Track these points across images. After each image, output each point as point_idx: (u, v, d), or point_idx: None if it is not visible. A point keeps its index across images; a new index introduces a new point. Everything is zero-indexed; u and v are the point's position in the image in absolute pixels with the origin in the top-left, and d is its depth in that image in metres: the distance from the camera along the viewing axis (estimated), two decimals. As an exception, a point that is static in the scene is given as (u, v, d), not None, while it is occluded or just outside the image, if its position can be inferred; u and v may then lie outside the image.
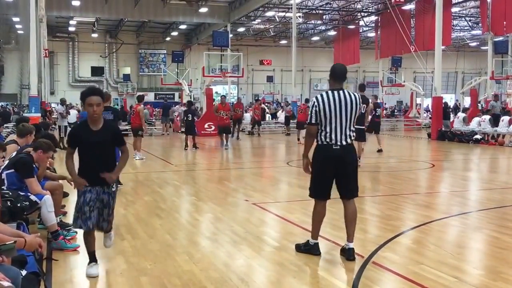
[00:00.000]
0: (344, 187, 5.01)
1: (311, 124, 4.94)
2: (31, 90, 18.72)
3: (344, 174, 4.96)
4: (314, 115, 4.91)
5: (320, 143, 4.95)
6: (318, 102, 4.91)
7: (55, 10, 30.70)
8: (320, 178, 5.00)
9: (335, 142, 4.88)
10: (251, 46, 46.06)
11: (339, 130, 4.88)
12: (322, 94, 4.96)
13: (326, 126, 4.88)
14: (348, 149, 4.95)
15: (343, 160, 4.92)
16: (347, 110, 4.88)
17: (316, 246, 5.09)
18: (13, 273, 3.05)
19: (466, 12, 36.66)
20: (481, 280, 4.43)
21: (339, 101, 4.87)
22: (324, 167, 4.95)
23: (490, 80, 28.11)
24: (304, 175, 11.07)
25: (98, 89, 4.71)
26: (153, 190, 9.14)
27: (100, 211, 4.51)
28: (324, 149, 4.93)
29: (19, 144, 6.43)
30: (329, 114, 4.85)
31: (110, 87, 44.30)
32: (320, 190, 5.02)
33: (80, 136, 4.51)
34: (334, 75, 5.08)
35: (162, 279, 4.41)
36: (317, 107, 4.89)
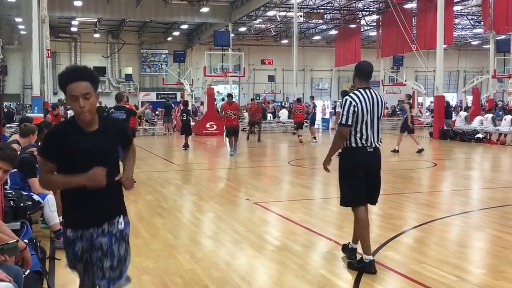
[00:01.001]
0: (373, 192, 4.75)
1: (346, 125, 4.54)
2: (33, 90, 18.74)
3: (374, 178, 4.70)
4: (351, 115, 4.52)
5: (354, 146, 4.59)
6: (356, 102, 4.54)
7: (57, 11, 30.73)
8: (355, 184, 4.62)
9: (370, 144, 4.59)
10: (252, 45, 46.05)
11: (373, 131, 4.61)
12: (355, 93, 4.61)
13: (362, 127, 4.55)
14: (379, 152, 4.72)
15: (375, 164, 4.69)
16: (378, 110, 4.65)
17: (372, 263, 4.56)
18: (15, 273, 3.06)
19: (468, 11, 36.59)
20: (482, 279, 4.43)
21: (371, 101, 4.60)
22: (357, 172, 4.61)
23: (492, 79, 28.06)
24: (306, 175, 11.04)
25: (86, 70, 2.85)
26: (155, 189, 9.16)
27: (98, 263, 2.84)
28: (358, 153, 4.59)
29: (21, 144, 6.44)
30: (366, 114, 4.55)
31: (112, 87, 44.36)
32: (357, 196, 4.66)
33: (64, 141, 2.74)
34: (361, 73, 4.78)
35: (164, 278, 4.42)
36: (355, 107, 4.52)
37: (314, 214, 7.10)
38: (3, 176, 3.50)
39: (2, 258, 3.06)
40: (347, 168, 4.66)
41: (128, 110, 10.09)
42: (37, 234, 5.57)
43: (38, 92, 18.42)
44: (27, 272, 3.39)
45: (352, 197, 4.68)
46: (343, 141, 4.64)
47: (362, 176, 4.61)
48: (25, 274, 3.31)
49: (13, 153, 3.55)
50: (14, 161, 3.54)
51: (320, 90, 51.52)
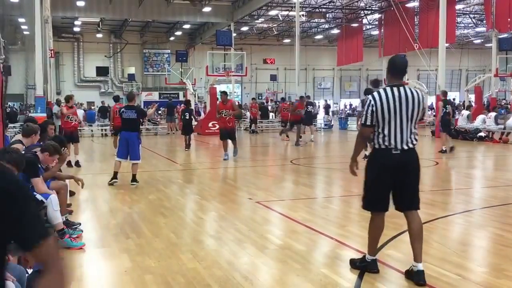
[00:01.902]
0: (403, 198, 4.40)
1: (366, 126, 4.33)
2: (36, 90, 18.79)
3: (404, 183, 4.35)
4: (370, 115, 4.28)
5: (378, 148, 4.35)
6: (375, 100, 4.28)
7: (60, 11, 30.79)
8: (377, 188, 4.38)
9: (394, 146, 4.28)
10: (254, 45, 46.04)
11: (399, 132, 4.27)
12: (379, 91, 4.36)
13: (384, 127, 4.27)
14: (409, 155, 4.34)
15: (404, 167, 4.33)
16: (408, 109, 4.28)
17: (374, 263, 4.52)
18: (18, 272, 3.08)
19: (470, 9, 36.53)
20: (484, 277, 4.44)
21: (399, 99, 4.26)
22: (381, 175, 4.34)
23: (494, 77, 27.99)
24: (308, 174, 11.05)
25: None
26: (158, 189, 9.18)
27: None
28: (382, 155, 4.34)
29: (24, 144, 6.47)
30: (388, 114, 4.25)
31: (115, 86, 44.44)
32: (377, 201, 4.42)
33: None
34: (393, 69, 4.43)
35: (167, 277, 4.44)
36: (373, 106, 4.27)
37: (316, 213, 7.12)
38: None
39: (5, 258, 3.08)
40: (370, 170, 4.43)
41: (139, 110, 10.13)
42: (40, 234, 5.59)
43: (41, 92, 18.47)
44: (30, 271, 3.41)
45: (371, 202, 4.48)
46: (364, 142, 4.44)
47: (388, 181, 4.33)
48: (28, 273, 3.33)
49: (19, 158, 3.55)
50: (20, 166, 3.53)
51: (322, 89, 51.50)
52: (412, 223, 4.41)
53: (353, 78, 52.29)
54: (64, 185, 6.27)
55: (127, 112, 9.66)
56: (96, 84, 44.48)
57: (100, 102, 32.48)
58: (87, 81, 44.20)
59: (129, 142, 9.56)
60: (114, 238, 5.77)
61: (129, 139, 9.57)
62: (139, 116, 9.83)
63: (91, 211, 7.37)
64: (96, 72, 44.68)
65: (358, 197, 8.50)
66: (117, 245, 5.48)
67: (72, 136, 12.60)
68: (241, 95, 47.22)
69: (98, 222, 6.68)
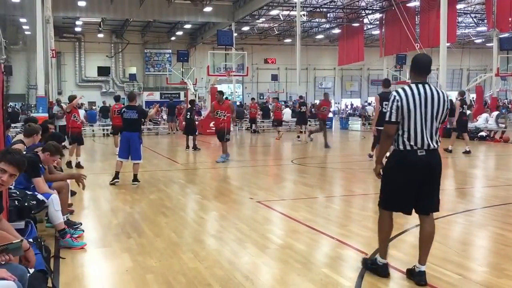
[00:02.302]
0: (426, 200, 4.23)
1: (391, 122, 4.16)
2: (38, 90, 18.83)
3: (428, 185, 4.20)
4: (395, 112, 4.14)
5: (402, 149, 4.17)
6: (400, 96, 4.13)
7: (61, 11, 30.84)
8: (398, 189, 4.22)
9: (420, 146, 4.12)
10: (255, 45, 46.09)
11: (424, 132, 4.11)
12: (404, 87, 4.21)
13: (410, 126, 4.12)
14: (434, 155, 4.19)
15: (429, 168, 4.17)
16: (433, 108, 4.12)
17: (385, 267, 4.38)
18: (20, 272, 3.08)
19: (471, 9, 36.53)
20: (485, 277, 4.44)
21: (424, 97, 4.11)
22: (404, 177, 4.16)
23: (495, 77, 27.99)
24: (309, 173, 11.04)
25: None
26: (159, 188, 9.20)
27: None
28: (405, 155, 4.16)
29: (26, 143, 6.49)
30: (414, 111, 4.10)
31: (116, 86, 44.52)
32: (395, 203, 4.28)
33: None
34: (417, 66, 4.28)
35: (168, 277, 4.45)
36: (398, 102, 4.12)
37: (317, 213, 7.12)
38: (9, 180, 3.48)
39: (7, 257, 3.08)
40: (392, 171, 4.27)
41: (140, 110, 10.12)
42: (42, 233, 5.61)
43: (43, 92, 18.51)
44: (31, 270, 3.42)
45: (388, 202, 4.34)
46: (390, 140, 4.21)
47: (412, 183, 4.16)
48: (29, 273, 3.34)
49: (22, 159, 3.52)
50: (21, 167, 3.52)
51: (323, 89, 51.50)
52: (426, 225, 4.29)
53: (354, 77, 52.33)
54: (66, 185, 6.29)
55: (128, 112, 9.66)
56: (98, 84, 44.58)
57: (101, 102, 32.50)
58: (89, 81, 44.30)
59: (130, 142, 9.57)
60: (115, 238, 5.78)
61: (130, 139, 9.59)
62: (140, 116, 9.84)
63: (93, 211, 7.38)
64: (97, 72, 44.76)
65: (359, 197, 8.56)
66: (118, 244, 5.50)
67: (78, 138, 12.66)
68: (242, 95, 47.26)
69: (99, 221, 6.69)
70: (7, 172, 3.43)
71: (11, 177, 3.48)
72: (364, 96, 51.35)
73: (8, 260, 3.09)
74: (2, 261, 3.05)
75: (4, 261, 3.06)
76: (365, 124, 30.90)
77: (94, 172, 11.78)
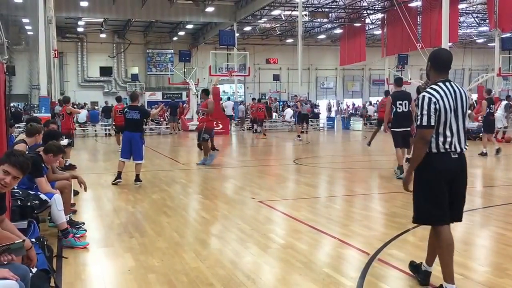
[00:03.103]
0: (455, 207, 3.94)
1: (429, 127, 3.76)
2: (40, 90, 18.86)
3: (459, 190, 3.93)
4: (433, 115, 3.75)
5: (436, 152, 3.83)
6: (436, 98, 3.77)
7: (63, 11, 30.91)
8: (438, 197, 3.85)
9: (455, 149, 3.83)
10: (257, 45, 46.10)
11: (458, 133, 3.84)
12: (434, 87, 3.85)
13: (446, 128, 3.80)
14: (464, 158, 3.93)
15: (459, 172, 3.90)
16: (462, 107, 3.88)
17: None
18: (22, 271, 3.09)
19: (473, 9, 36.50)
20: (486, 277, 4.44)
21: (453, 96, 3.84)
22: (441, 183, 3.83)
23: (497, 77, 27.97)
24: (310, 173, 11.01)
25: None
26: (161, 188, 9.21)
27: None
28: (441, 159, 3.83)
29: (28, 143, 6.51)
30: (450, 112, 3.80)
31: (118, 86, 44.58)
32: (440, 213, 3.88)
33: None
34: (438, 63, 3.96)
35: (170, 276, 4.46)
36: (436, 104, 3.76)
37: (318, 213, 7.13)
38: (12, 182, 3.48)
39: (9, 257, 3.10)
40: (428, 178, 3.88)
41: (142, 110, 10.13)
42: (45, 233, 5.63)
43: (45, 92, 18.55)
44: (34, 270, 3.44)
45: (433, 213, 3.90)
46: (426, 147, 3.82)
47: (445, 188, 3.86)
48: (32, 272, 3.36)
49: (26, 161, 3.52)
50: (25, 170, 3.52)
51: (325, 89, 51.54)
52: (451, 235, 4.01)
53: (356, 77, 52.30)
54: (68, 185, 6.30)
55: (131, 113, 9.67)
56: (100, 84, 44.65)
57: (103, 102, 32.57)
58: (91, 81, 44.38)
59: (132, 142, 9.59)
60: (117, 238, 5.80)
61: (132, 140, 9.60)
62: (142, 116, 9.85)
63: (95, 211, 7.40)
64: (99, 72, 44.83)
65: (360, 197, 8.56)
66: (121, 244, 5.52)
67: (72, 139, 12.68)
68: (244, 95, 47.26)
69: (101, 221, 6.71)
70: (10, 174, 3.43)
71: (15, 179, 3.48)
72: (366, 96, 51.32)
73: (11, 260, 3.11)
74: (5, 261, 3.07)
75: (7, 261, 3.08)
76: (367, 124, 30.90)
77: (97, 172, 11.82)
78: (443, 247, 3.92)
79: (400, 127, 9.85)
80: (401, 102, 9.80)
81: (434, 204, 3.86)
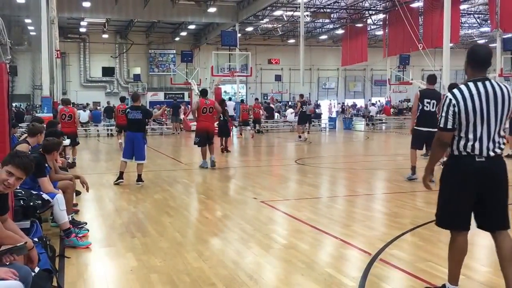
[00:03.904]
0: (489, 215, 3.71)
1: (447, 129, 3.63)
2: (43, 90, 18.91)
3: (489, 197, 3.68)
4: (451, 118, 3.60)
5: (457, 154, 3.68)
6: (457, 100, 3.58)
7: (66, 12, 30.97)
8: (457, 202, 3.71)
9: (479, 152, 3.61)
10: (259, 45, 46.12)
11: (486, 136, 3.60)
12: (461, 88, 3.63)
13: (468, 131, 3.61)
14: (496, 162, 3.68)
15: (489, 177, 3.65)
16: (497, 109, 3.58)
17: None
18: (24, 272, 3.08)
19: (474, 9, 36.48)
20: (488, 277, 4.44)
21: (486, 97, 3.56)
22: (463, 187, 3.66)
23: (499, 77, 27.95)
24: (312, 173, 11.01)
25: None
26: (163, 188, 9.23)
27: None
28: (463, 163, 3.66)
29: (30, 143, 6.53)
30: (473, 115, 3.57)
31: (120, 87, 44.64)
32: (457, 218, 3.73)
33: None
34: (475, 60, 3.69)
35: (172, 276, 4.47)
36: (455, 106, 3.58)
37: (320, 213, 7.13)
38: (15, 183, 3.49)
39: (11, 258, 3.10)
40: (451, 182, 3.74)
41: (144, 110, 10.12)
42: (47, 233, 5.65)
43: (48, 93, 18.60)
44: (37, 269, 3.45)
45: (450, 219, 3.77)
46: (443, 149, 3.73)
47: (468, 193, 3.66)
48: (35, 272, 3.37)
49: (29, 163, 3.52)
50: (28, 171, 3.52)
51: (327, 89, 51.52)
52: (503, 244, 3.70)
53: (357, 78, 52.27)
54: (70, 185, 6.32)
55: (133, 113, 9.69)
56: (102, 84, 44.71)
57: (105, 102, 32.59)
58: (93, 82, 44.44)
59: (135, 143, 9.61)
60: (119, 237, 5.82)
61: (135, 140, 9.63)
62: (144, 116, 9.86)
63: (97, 211, 7.42)
64: (102, 73, 44.89)
65: (362, 197, 8.57)
66: (123, 244, 5.53)
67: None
68: (246, 95, 47.28)
69: (104, 221, 6.72)
70: (14, 175, 3.44)
71: (18, 180, 3.49)
72: (368, 96, 51.31)
73: (13, 260, 3.12)
74: (7, 261, 3.08)
75: (9, 262, 3.09)
76: (369, 124, 30.90)
77: (98, 172, 11.84)
78: (454, 251, 3.81)
79: (424, 126, 9.22)
80: (429, 100, 9.25)
81: (454, 209, 3.74)
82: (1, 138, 5.60)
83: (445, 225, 3.84)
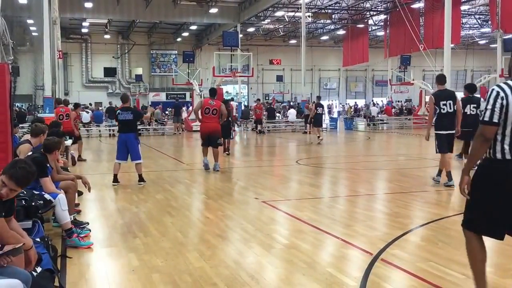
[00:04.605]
0: None
1: (492, 123, 3.30)
2: (45, 91, 18.93)
3: None
4: (498, 110, 3.29)
5: (500, 156, 3.35)
6: (506, 93, 3.31)
7: (68, 12, 31.04)
8: (490, 208, 3.39)
9: None
10: (260, 46, 46.16)
11: None
12: (508, 82, 3.38)
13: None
14: None
15: None
16: None
17: None
18: (23, 277, 3.05)
19: (475, 10, 36.48)
20: (490, 277, 4.40)
21: None
22: (500, 193, 3.32)
23: (499, 78, 27.94)
24: (314, 174, 11.00)
25: None
26: (165, 188, 9.24)
27: None
28: (504, 167, 3.34)
29: (33, 144, 6.55)
30: None
31: (122, 87, 44.69)
32: (484, 225, 3.44)
33: None
34: None
35: (173, 276, 4.48)
36: (504, 99, 3.29)
37: (322, 213, 7.14)
38: (9, 194, 3.36)
39: (8, 259, 3.08)
40: (484, 184, 3.43)
41: (135, 111, 10.20)
42: (49, 233, 5.65)
43: (50, 93, 18.61)
44: (39, 269, 3.46)
45: (477, 223, 3.50)
46: (486, 145, 3.36)
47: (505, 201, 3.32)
48: (36, 272, 3.38)
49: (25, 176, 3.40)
50: (22, 184, 3.39)
51: (328, 90, 51.52)
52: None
53: (358, 78, 52.31)
54: (72, 185, 6.33)
55: (123, 114, 9.71)
56: (104, 84, 44.78)
57: (107, 102, 32.64)
58: (95, 82, 44.51)
59: (128, 143, 9.64)
60: (121, 237, 5.83)
61: (128, 140, 9.66)
62: (135, 117, 9.88)
63: (99, 211, 7.43)
64: (103, 73, 44.97)
65: (363, 197, 8.56)
66: (125, 244, 5.54)
67: None
68: (248, 96, 47.33)
69: (105, 221, 6.73)
70: (7, 186, 3.33)
71: (11, 192, 3.36)
72: (369, 97, 51.31)
73: (10, 262, 3.09)
74: (4, 263, 3.06)
75: (6, 263, 3.07)
76: (370, 124, 30.89)
77: (100, 172, 11.86)
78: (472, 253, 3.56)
79: (445, 129, 8.87)
80: (445, 102, 8.79)
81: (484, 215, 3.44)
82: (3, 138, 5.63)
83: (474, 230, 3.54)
